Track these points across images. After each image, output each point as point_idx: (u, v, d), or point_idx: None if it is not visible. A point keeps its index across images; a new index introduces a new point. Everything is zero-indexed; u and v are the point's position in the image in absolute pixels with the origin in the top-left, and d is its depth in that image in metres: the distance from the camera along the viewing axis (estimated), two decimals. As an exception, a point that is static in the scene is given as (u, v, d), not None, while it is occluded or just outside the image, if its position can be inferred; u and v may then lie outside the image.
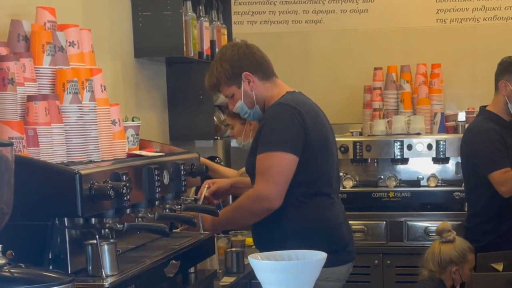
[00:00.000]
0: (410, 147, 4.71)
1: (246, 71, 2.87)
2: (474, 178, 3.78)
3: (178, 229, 3.19)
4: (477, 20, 5.26)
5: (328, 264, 2.73)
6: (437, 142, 4.67)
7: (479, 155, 3.69)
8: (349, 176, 4.81)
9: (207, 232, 2.94)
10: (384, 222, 4.62)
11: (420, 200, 4.71)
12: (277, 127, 2.78)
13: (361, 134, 5.00)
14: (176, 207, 2.72)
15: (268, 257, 1.55)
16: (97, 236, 2.14)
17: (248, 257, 1.52)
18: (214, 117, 4.18)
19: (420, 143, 4.70)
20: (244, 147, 3.81)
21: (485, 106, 3.87)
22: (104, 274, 2.12)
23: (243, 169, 3.97)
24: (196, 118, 4.11)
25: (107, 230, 2.25)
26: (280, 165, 2.76)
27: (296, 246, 1.82)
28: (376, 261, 4.61)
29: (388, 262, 4.60)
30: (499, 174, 3.62)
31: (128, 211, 2.40)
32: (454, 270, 3.50)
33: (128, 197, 2.23)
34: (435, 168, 4.80)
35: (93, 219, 2.23)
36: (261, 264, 1.50)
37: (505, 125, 3.78)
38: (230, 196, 4.42)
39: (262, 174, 2.78)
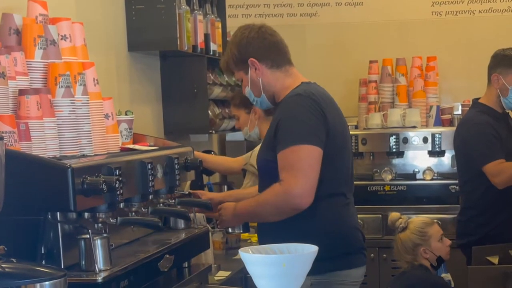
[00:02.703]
0: (405, 140, 4.71)
1: (252, 57, 2.70)
2: (468, 171, 3.77)
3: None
4: (473, 12, 5.25)
5: (344, 266, 2.68)
6: (433, 135, 4.67)
7: (472, 148, 3.68)
8: (344, 169, 4.80)
9: (202, 226, 2.92)
10: (380, 216, 4.62)
11: (416, 194, 4.71)
12: (299, 119, 2.57)
13: (356, 127, 5.00)
14: (170, 201, 2.70)
15: (259, 250, 1.53)
16: (90, 231, 2.13)
17: (239, 250, 1.51)
18: (209, 111, 4.17)
19: (415, 136, 4.70)
20: (250, 137, 3.78)
21: (478, 99, 3.86)
22: (97, 269, 2.11)
23: (242, 157, 3.95)
24: (190, 112, 4.09)
25: (100, 224, 2.23)
26: (309, 158, 2.54)
27: None
28: (372, 255, 4.61)
29: (384, 256, 4.60)
30: (492, 166, 3.61)
31: (121, 205, 2.38)
32: (422, 251, 3.50)
33: (121, 191, 2.22)
34: (431, 161, 4.80)
35: (86, 213, 2.22)
36: (252, 257, 1.49)
37: (498, 117, 3.77)
38: (226, 188, 4.42)
39: (290, 170, 2.53)
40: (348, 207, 2.74)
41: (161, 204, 2.65)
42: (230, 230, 2.94)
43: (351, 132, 4.74)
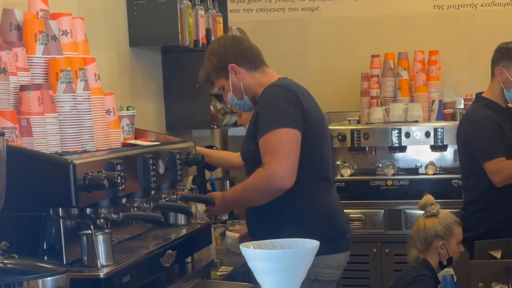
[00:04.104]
0: (408, 134, 4.70)
1: (231, 62, 2.89)
2: (471, 166, 3.77)
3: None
4: (475, 6, 5.24)
5: (328, 251, 2.82)
6: (435, 129, 4.66)
7: (475, 143, 3.68)
8: (347, 164, 4.80)
9: (204, 222, 2.92)
10: (382, 211, 4.61)
11: (418, 188, 4.69)
12: (277, 106, 2.76)
13: (358, 122, 4.99)
14: (172, 196, 2.70)
15: (260, 245, 1.53)
16: (92, 226, 2.12)
17: (240, 246, 1.51)
18: (211, 106, 4.16)
19: (418, 130, 4.69)
20: None
21: (481, 93, 3.85)
22: (99, 265, 2.10)
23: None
24: (192, 107, 4.09)
25: (102, 220, 2.23)
26: (288, 140, 2.72)
27: (296, 233, 1.80)
28: (374, 250, 4.61)
29: (387, 250, 4.59)
30: (493, 164, 3.61)
31: (123, 201, 2.38)
32: (440, 244, 3.44)
33: (123, 187, 2.21)
34: (433, 156, 4.79)
35: (87, 209, 2.22)
36: (253, 253, 1.48)
37: (502, 111, 3.77)
38: (228, 183, 4.42)
39: (272, 153, 2.72)
40: (330, 192, 2.92)
41: (163, 200, 2.65)
42: (218, 217, 3.02)
43: (353, 127, 4.83)
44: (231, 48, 2.91)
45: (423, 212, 3.60)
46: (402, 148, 4.76)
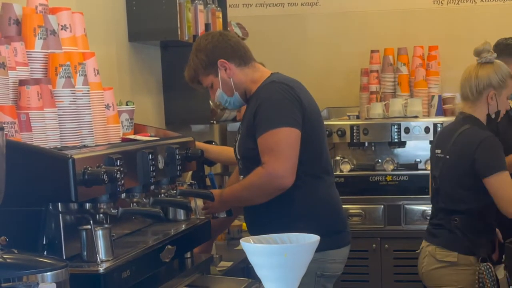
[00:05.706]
0: (407, 130, 4.69)
1: (221, 58, 2.83)
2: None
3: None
4: (474, 1, 5.23)
5: (335, 245, 2.82)
6: (435, 125, 4.65)
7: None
8: (346, 160, 4.79)
9: (203, 217, 2.92)
10: (382, 206, 4.61)
11: (417, 184, 4.69)
12: (275, 103, 2.73)
13: (358, 117, 4.98)
14: (172, 191, 2.70)
15: (260, 240, 1.53)
16: (91, 221, 2.12)
17: (240, 240, 1.51)
18: (210, 101, 4.16)
19: (417, 126, 4.69)
20: None
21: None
22: (99, 260, 2.11)
23: None
24: (191, 102, 4.08)
25: (101, 215, 2.23)
26: (288, 139, 2.70)
27: (301, 228, 1.80)
28: (374, 245, 4.61)
29: (386, 246, 4.60)
30: None
31: (122, 196, 2.38)
32: (491, 94, 3.18)
33: (122, 182, 2.21)
34: (433, 151, 4.78)
35: (87, 204, 2.22)
36: (253, 247, 1.48)
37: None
38: (227, 178, 4.41)
39: (271, 153, 2.70)
40: (333, 186, 2.93)
41: (162, 195, 2.65)
42: (216, 215, 3.02)
43: (352, 122, 4.82)
44: (220, 43, 2.84)
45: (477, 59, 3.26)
46: (402, 144, 4.76)
